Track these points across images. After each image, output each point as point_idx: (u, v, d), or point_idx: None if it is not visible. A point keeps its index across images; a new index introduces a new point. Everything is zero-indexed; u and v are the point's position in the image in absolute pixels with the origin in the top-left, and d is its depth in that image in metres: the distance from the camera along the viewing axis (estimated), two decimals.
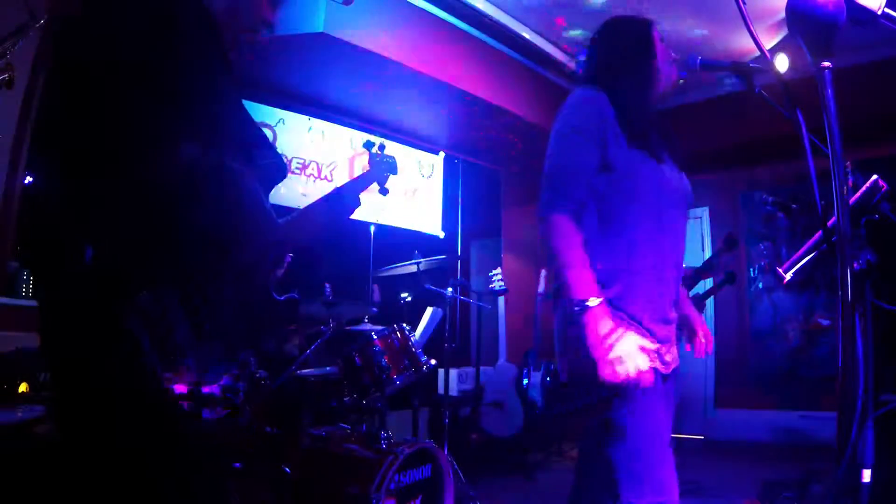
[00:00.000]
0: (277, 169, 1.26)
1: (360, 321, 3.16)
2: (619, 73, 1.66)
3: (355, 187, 1.59)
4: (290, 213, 1.45)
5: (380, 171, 1.77)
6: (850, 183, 1.57)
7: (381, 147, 1.85)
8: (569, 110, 1.63)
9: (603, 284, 1.50)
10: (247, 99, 3.87)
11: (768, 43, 4.25)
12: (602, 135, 1.56)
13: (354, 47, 3.78)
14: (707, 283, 4.42)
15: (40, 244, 1.01)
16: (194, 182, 1.01)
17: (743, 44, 4.54)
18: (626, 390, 1.44)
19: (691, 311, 1.85)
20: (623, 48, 1.70)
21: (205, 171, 1.03)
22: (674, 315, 1.64)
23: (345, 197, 1.52)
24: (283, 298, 1.26)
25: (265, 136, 1.31)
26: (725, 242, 4.01)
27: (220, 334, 1.09)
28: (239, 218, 1.10)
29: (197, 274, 1.04)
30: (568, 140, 1.59)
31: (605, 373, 1.41)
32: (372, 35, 3.86)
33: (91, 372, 0.99)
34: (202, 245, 1.03)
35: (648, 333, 1.53)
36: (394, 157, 1.85)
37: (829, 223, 1.18)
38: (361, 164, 4.90)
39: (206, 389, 2.20)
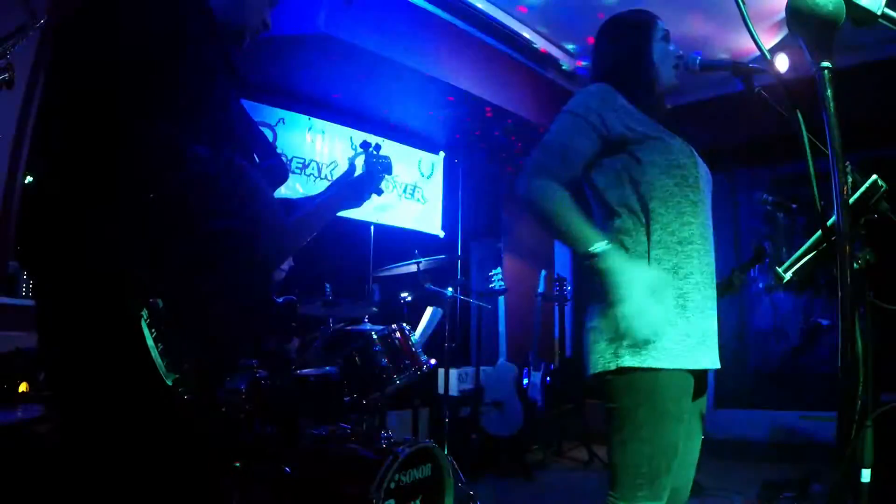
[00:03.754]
0: (280, 170, 1.26)
1: (360, 321, 3.16)
2: (616, 76, 1.65)
3: (355, 189, 1.58)
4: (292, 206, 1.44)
5: (377, 171, 1.79)
6: (850, 182, 1.56)
7: (377, 147, 1.86)
8: (574, 98, 1.63)
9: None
10: (247, 99, 3.87)
11: (768, 43, 4.24)
12: (602, 121, 1.54)
13: (354, 47, 3.78)
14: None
15: (41, 245, 1.00)
16: (203, 182, 1.00)
17: (743, 44, 4.54)
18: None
19: None
20: (616, 54, 1.69)
21: (215, 170, 1.01)
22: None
23: (344, 200, 1.51)
24: (281, 301, 1.26)
25: (266, 139, 1.31)
26: (756, 253, 3.92)
27: (217, 339, 1.08)
28: (252, 212, 1.08)
29: (196, 280, 1.02)
30: (563, 120, 1.59)
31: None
32: (372, 35, 3.86)
33: (94, 371, 0.98)
34: (207, 248, 1.02)
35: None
36: (389, 158, 1.86)
37: (829, 222, 1.18)
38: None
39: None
